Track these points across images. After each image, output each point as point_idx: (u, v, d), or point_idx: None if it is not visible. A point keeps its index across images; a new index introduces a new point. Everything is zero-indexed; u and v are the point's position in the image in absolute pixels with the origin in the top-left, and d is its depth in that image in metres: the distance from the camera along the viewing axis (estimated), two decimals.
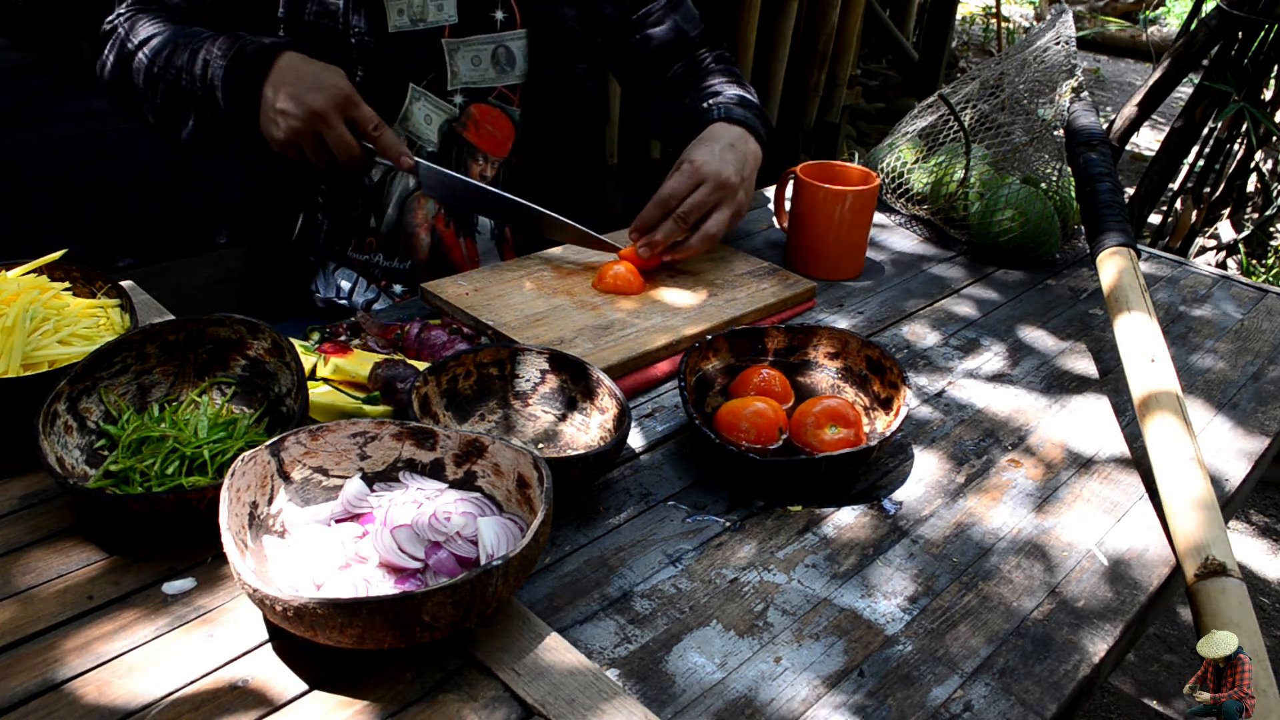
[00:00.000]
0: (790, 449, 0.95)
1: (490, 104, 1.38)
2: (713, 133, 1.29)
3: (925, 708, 0.70)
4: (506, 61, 1.36)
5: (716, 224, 1.22)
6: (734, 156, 1.25)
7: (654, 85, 1.49)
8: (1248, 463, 1.03)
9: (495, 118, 1.39)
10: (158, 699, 0.64)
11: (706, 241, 1.23)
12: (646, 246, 1.21)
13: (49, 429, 0.79)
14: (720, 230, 1.23)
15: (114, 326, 0.95)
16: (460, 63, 1.34)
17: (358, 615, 0.62)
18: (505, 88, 1.38)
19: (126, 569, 0.75)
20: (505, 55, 1.35)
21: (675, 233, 1.21)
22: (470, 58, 1.34)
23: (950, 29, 4.68)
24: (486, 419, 0.95)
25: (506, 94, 1.38)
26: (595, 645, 0.74)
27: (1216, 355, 1.24)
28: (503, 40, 1.35)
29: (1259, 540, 2.50)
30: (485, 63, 1.35)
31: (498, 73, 1.36)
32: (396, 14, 1.29)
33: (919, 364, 1.17)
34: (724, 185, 1.22)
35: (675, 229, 1.21)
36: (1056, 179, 1.49)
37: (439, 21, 1.31)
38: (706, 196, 1.21)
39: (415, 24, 1.30)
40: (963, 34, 7.10)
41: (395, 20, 1.29)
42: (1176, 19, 7.34)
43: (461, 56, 1.33)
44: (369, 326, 1.05)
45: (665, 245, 1.22)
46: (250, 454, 0.74)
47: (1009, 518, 0.91)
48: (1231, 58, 2.90)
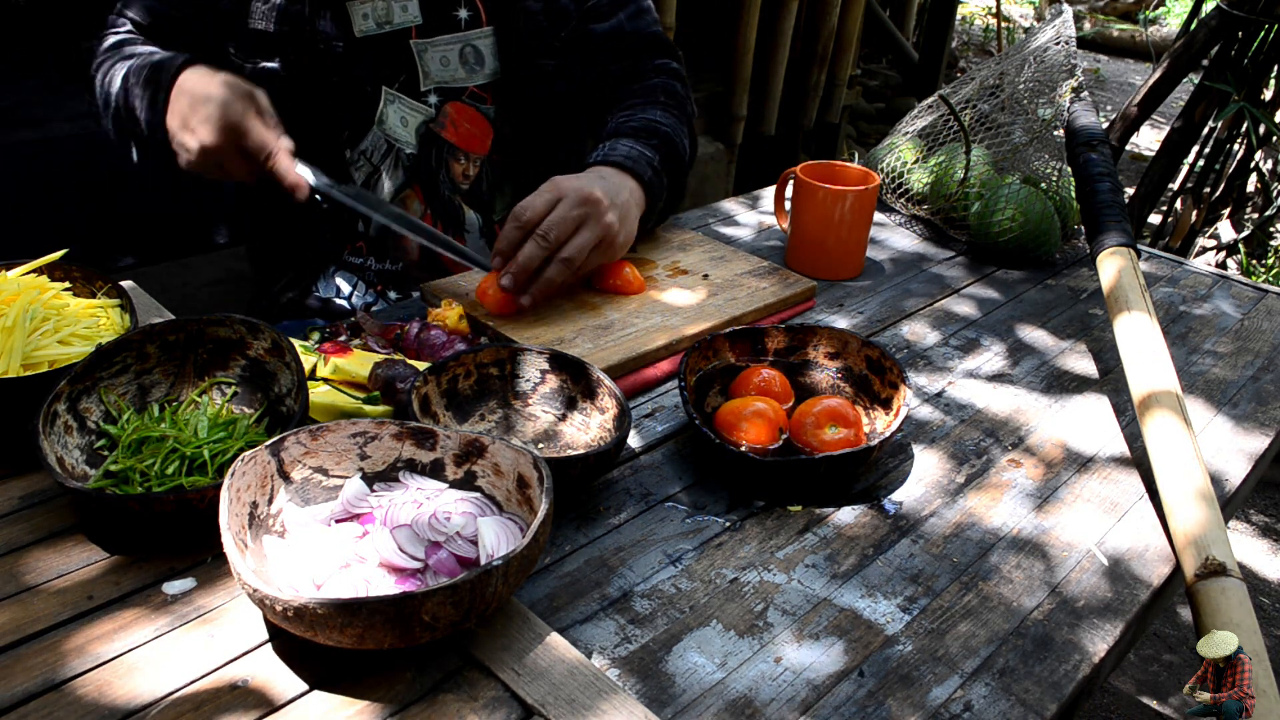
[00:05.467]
0: (790, 449, 0.95)
1: (465, 103, 1.37)
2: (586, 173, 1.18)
3: (925, 708, 0.70)
4: (475, 61, 1.35)
5: (575, 248, 1.09)
6: (605, 184, 1.14)
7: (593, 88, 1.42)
8: (1248, 463, 1.03)
9: (472, 116, 1.38)
10: (158, 699, 0.64)
11: (565, 270, 1.09)
12: (510, 277, 1.08)
13: (49, 429, 0.79)
14: (580, 255, 1.09)
15: (114, 326, 0.95)
16: (430, 63, 1.33)
17: (358, 615, 0.62)
18: (477, 87, 1.37)
19: (126, 569, 0.75)
20: (473, 54, 1.34)
21: (536, 256, 1.08)
22: (439, 58, 1.33)
23: (950, 29, 4.68)
24: (486, 419, 0.95)
25: (479, 93, 1.37)
26: (595, 645, 0.74)
27: (1216, 355, 1.24)
28: (469, 39, 1.33)
29: (1259, 540, 2.50)
30: (454, 63, 1.34)
31: (467, 72, 1.35)
32: (361, 18, 1.28)
33: (919, 364, 1.17)
34: (587, 201, 1.10)
35: (536, 251, 1.08)
36: (1056, 179, 1.49)
37: (405, 23, 1.30)
38: (567, 212, 1.09)
39: (381, 27, 1.29)
40: (963, 34, 7.11)
41: (361, 24, 1.28)
42: (1176, 19, 7.34)
43: (430, 57, 1.32)
44: (369, 326, 1.05)
45: (528, 272, 1.08)
46: (250, 454, 0.74)
47: (1009, 517, 0.91)
48: (1231, 58, 2.90)
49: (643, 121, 1.29)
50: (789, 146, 3.89)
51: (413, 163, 1.37)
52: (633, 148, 1.23)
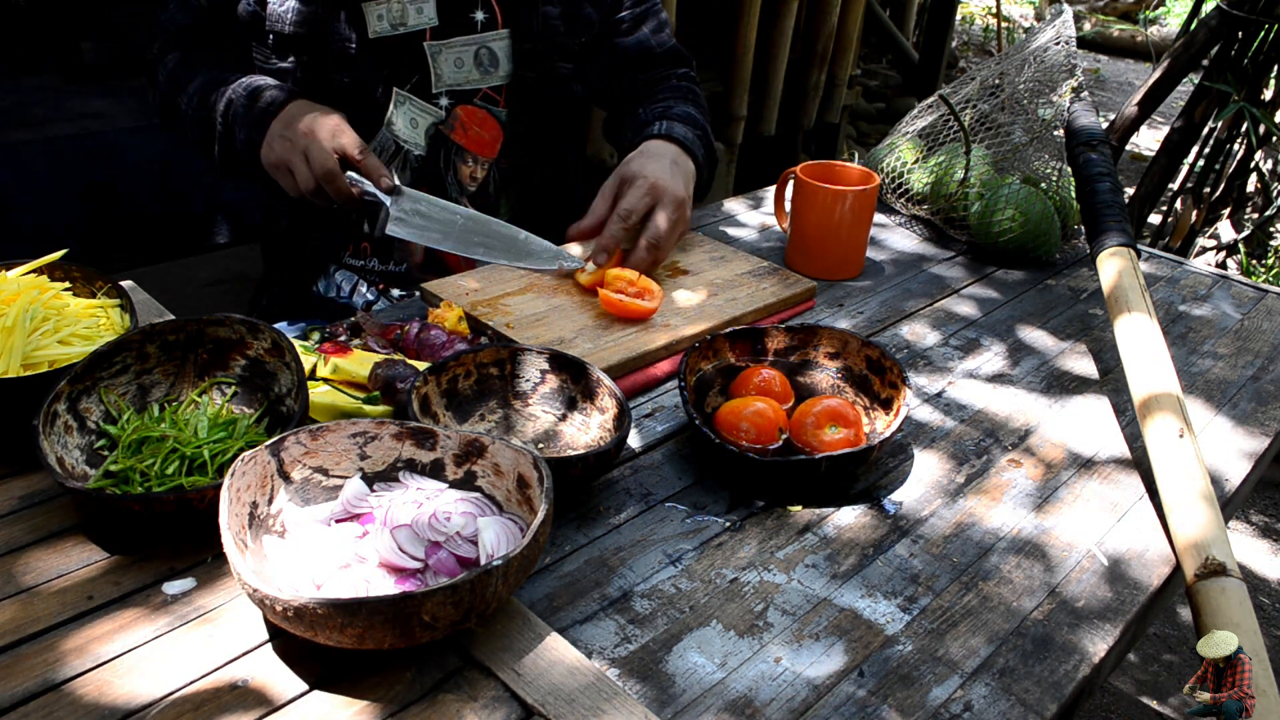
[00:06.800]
0: (790, 449, 0.95)
1: (476, 105, 1.37)
2: (650, 148, 1.28)
3: (925, 708, 0.70)
4: (489, 62, 1.35)
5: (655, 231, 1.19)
6: (676, 171, 1.25)
7: (613, 93, 1.48)
8: (1248, 463, 1.03)
9: (482, 119, 1.38)
10: (158, 699, 0.64)
11: (653, 249, 1.19)
12: (603, 253, 1.18)
13: (49, 429, 0.79)
14: (661, 235, 1.20)
15: (114, 326, 0.95)
16: (443, 65, 1.33)
17: (358, 615, 0.62)
18: (490, 89, 1.37)
19: (126, 569, 0.75)
20: (488, 56, 1.35)
21: (620, 235, 1.19)
22: (453, 60, 1.33)
23: (950, 29, 4.68)
24: (486, 419, 0.95)
25: (492, 95, 1.37)
26: (595, 645, 0.74)
27: (1216, 355, 1.24)
28: (484, 41, 1.34)
29: (1259, 540, 2.50)
30: (468, 64, 1.34)
31: (481, 74, 1.36)
32: (376, 19, 1.29)
33: (919, 364, 1.17)
34: (656, 188, 1.21)
35: (619, 231, 1.19)
36: (1056, 179, 1.49)
37: (419, 25, 1.30)
38: (639, 199, 1.20)
39: (395, 28, 1.29)
40: (963, 34, 7.11)
41: (375, 26, 1.29)
42: (1176, 19, 7.34)
43: (444, 59, 1.33)
44: (369, 326, 1.05)
45: (616, 250, 1.19)
46: (250, 454, 0.74)
47: (1009, 518, 0.91)
48: (1231, 58, 2.90)
49: (684, 112, 1.38)
50: (789, 146, 3.89)
51: (420, 164, 1.37)
52: (687, 131, 1.33)
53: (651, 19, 1.46)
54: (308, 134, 1.19)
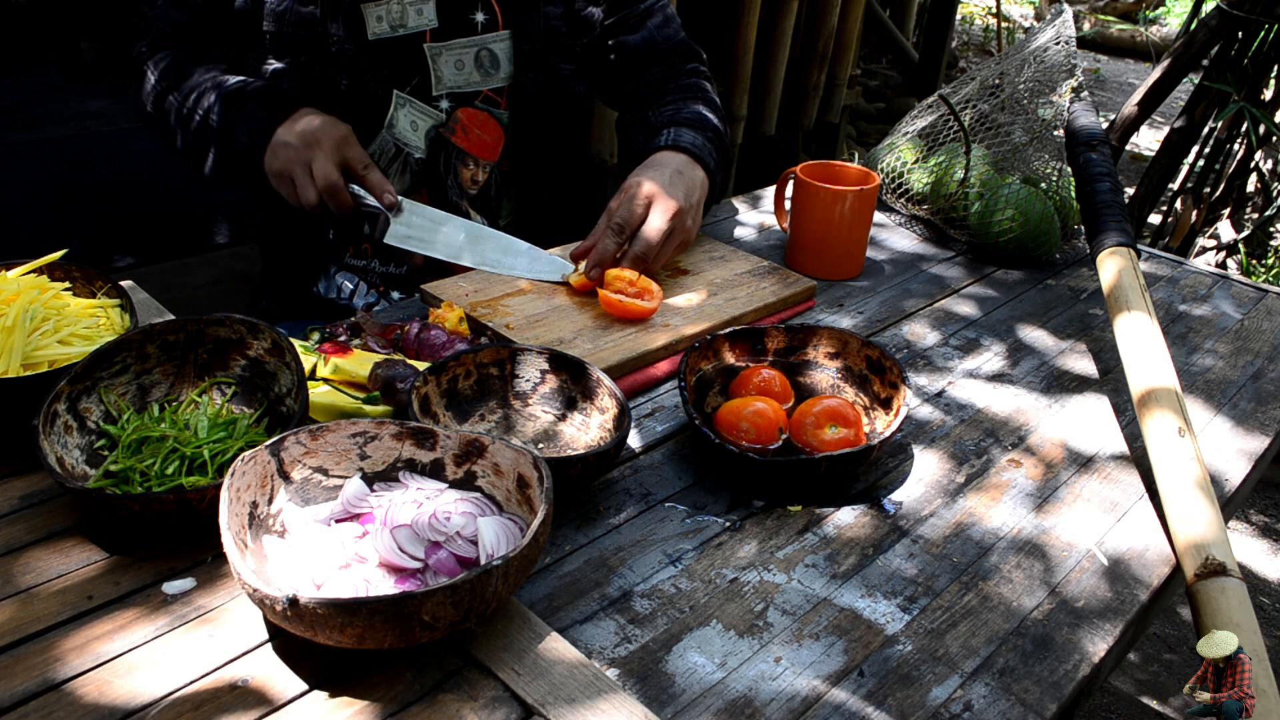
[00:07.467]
0: (790, 449, 0.95)
1: (477, 108, 1.37)
2: (655, 160, 1.27)
3: (925, 708, 0.70)
4: (490, 64, 1.35)
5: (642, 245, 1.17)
6: (677, 180, 1.23)
7: (622, 92, 1.47)
8: (1248, 463, 1.03)
9: (483, 121, 1.38)
10: (158, 699, 0.64)
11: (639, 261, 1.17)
12: (597, 267, 1.16)
13: (49, 429, 0.79)
14: (649, 247, 1.18)
15: (114, 326, 0.95)
16: (444, 67, 1.33)
17: (358, 615, 0.62)
18: (491, 91, 1.37)
19: (126, 569, 0.75)
20: (488, 58, 1.34)
21: (613, 248, 1.18)
22: (453, 62, 1.33)
23: (950, 29, 4.68)
24: (486, 419, 0.95)
25: (493, 97, 1.37)
26: (595, 645, 0.74)
27: (1216, 355, 1.24)
28: (485, 43, 1.33)
29: (1259, 540, 2.50)
30: (469, 66, 1.34)
31: (482, 76, 1.35)
32: (375, 21, 1.28)
33: (919, 364, 1.17)
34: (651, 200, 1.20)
35: (611, 244, 1.18)
36: (1056, 179, 1.49)
37: (419, 26, 1.30)
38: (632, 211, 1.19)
39: (395, 30, 1.29)
40: (963, 34, 7.11)
41: (375, 27, 1.28)
42: (1176, 19, 7.34)
43: (444, 61, 1.32)
44: (369, 326, 1.05)
45: (609, 263, 1.17)
46: (250, 454, 0.74)
47: (1009, 517, 0.91)
48: (1231, 58, 2.90)
49: (695, 114, 1.36)
50: (789, 146, 3.89)
51: (421, 167, 1.36)
52: (696, 137, 1.31)
53: (657, 14, 1.45)
54: (313, 145, 1.18)
